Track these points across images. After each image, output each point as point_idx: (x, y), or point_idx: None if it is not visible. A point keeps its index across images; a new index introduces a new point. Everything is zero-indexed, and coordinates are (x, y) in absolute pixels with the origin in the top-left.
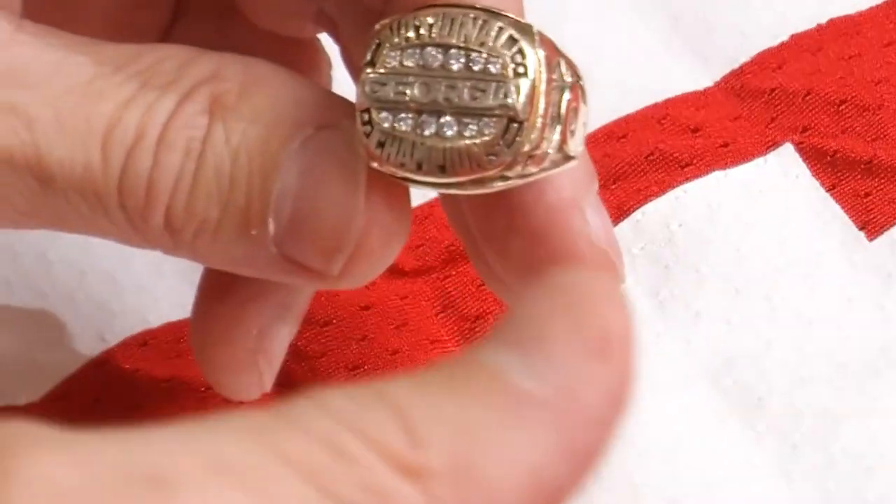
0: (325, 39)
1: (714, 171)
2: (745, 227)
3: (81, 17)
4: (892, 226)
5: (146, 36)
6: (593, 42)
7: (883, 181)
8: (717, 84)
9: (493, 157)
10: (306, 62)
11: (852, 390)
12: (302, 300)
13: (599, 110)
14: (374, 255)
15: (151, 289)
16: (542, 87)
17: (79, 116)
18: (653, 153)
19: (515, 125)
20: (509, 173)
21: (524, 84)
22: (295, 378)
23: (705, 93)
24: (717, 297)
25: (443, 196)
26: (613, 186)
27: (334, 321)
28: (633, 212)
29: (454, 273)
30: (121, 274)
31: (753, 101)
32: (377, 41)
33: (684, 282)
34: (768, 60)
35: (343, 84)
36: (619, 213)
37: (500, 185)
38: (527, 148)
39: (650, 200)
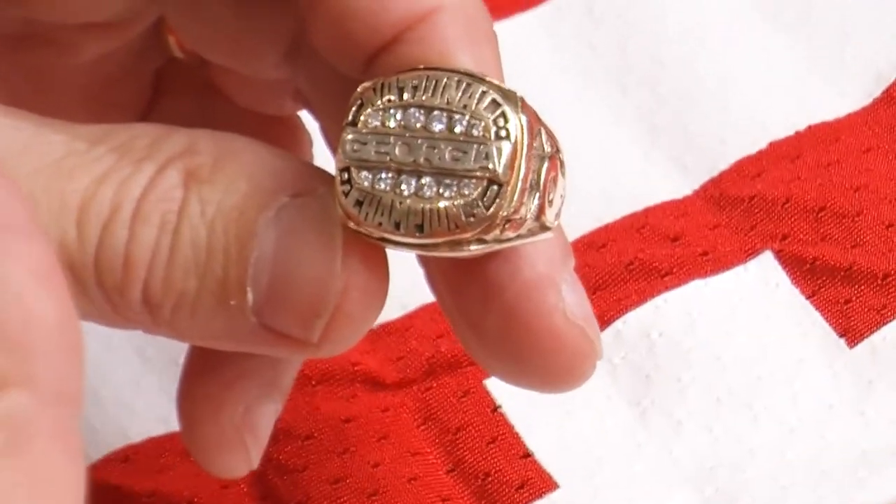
0: (306, 117)
1: (694, 279)
2: (726, 336)
3: (61, 97)
4: (872, 333)
5: (126, 114)
6: (574, 150)
7: (862, 288)
8: (697, 192)
9: (471, 219)
10: (287, 139)
11: (835, 498)
12: (287, 377)
13: (580, 218)
14: (354, 319)
15: (131, 403)
16: (524, 152)
17: (52, 194)
18: (633, 262)
19: (495, 187)
20: (486, 237)
21: (506, 147)
22: (277, 492)
23: (685, 201)
24: (698, 406)
25: (426, 270)
26: (594, 296)
27: (316, 434)
28: (614, 321)
29: (435, 385)
30: (101, 389)
31: (733, 209)
32: (360, 101)
33: (666, 391)
34: (747, 168)
35: (323, 160)
36: (600, 322)
37: (476, 249)
38: (505, 211)
39: (631, 310)
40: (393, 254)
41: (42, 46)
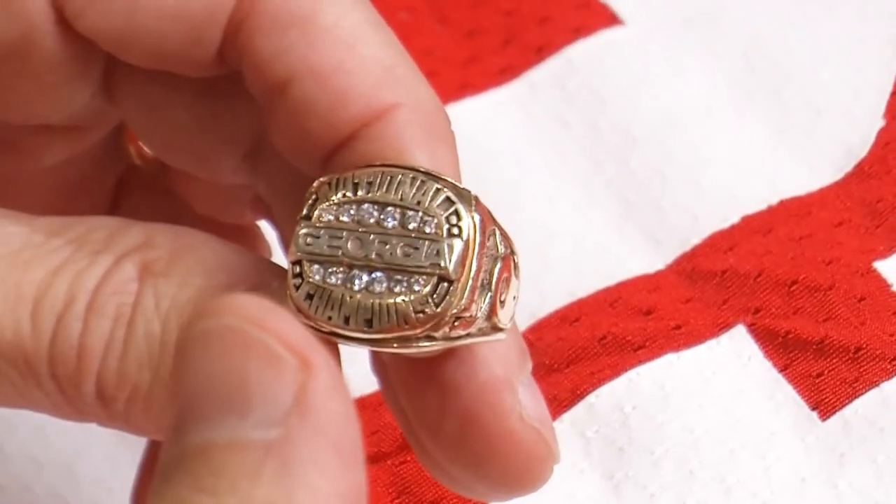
0: (266, 227)
1: (667, 353)
2: (699, 409)
3: (21, 202)
4: (844, 406)
5: None
6: (546, 224)
7: (834, 361)
8: (670, 266)
9: (420, 315)
10: (246, 248)
11: None
12: None
13: (553, 292)
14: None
15: (107, 481)
16: (475, 250)
17: (8, 284)
18: (605, 336)
19: (446, 284)
20: (436, 334)
21: (457, 244)
22: None
23: (657, 275)
24: (671, 479)
25: (381, 377)
26: (567, 370)
27: None
28: (587, 395)
29: (409, 459)
30: (77, 466)
31: (705, 282)
32: (314, 196)
33: (639, 464)
34: (720, 242)
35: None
36: (572, 396)
37: (425, 346)
38: (455, 308)
39: (604, 383)
40: (362, 357)
41: (1, 150)
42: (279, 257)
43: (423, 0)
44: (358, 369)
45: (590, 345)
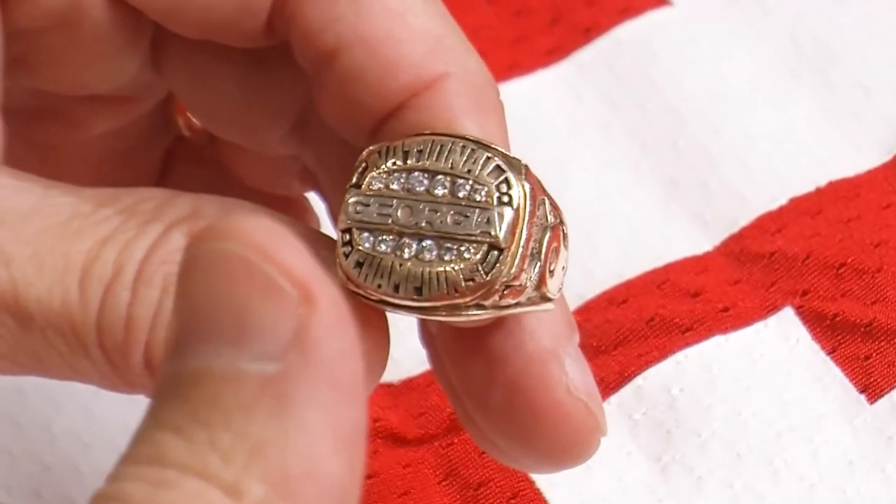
0: (314, 199)
1: (715, 335)
2: (746, 392)
3: (70, 173)
4: (892, 389)
5: None
6: (593, 206)
7: (883, 344)
8: (717, 248)
9: (470, 283)
10: (294, 219)
11: None
12: None
13: (601, 273)
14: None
15: None
16: (525, 219)
17: (57, 254)
18: (653, 318)
19: (496, 252)
20: (485, 302)
21: (508, 213)
22: None
23: (705, 257)
24: (719, 462)
25: (429, 348)
26: (614, 352)
27: None
28: (635, 377)
29: (456, 441)
30: (124, 445)
31: (753, 264)
32: (364, 165)
33: (686, 446)
34: (767, 224)
35: None
36: (620, 378)
37: (474, 315)
38: (505, 277)
39: (651, 366)
40: (413, 333)
41: (51, 121)
42: (328, 229)
43: None
44: (406, 351)
45: (637, 326)
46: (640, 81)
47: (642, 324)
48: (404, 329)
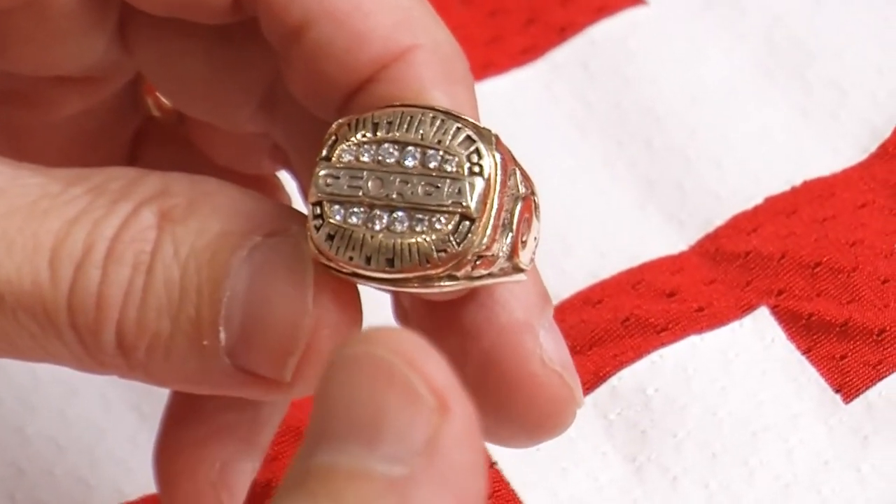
0: (285, 178)
1: (690, 335)
2: (722, 392)
3: (38, 154)
4: (867, 388)
5: None
6: (568, 205)
7: (858, 344)
8: (692, 248)
9: (442, 254)
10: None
11: None
12: (265, 435)
13: (576, 274)
14: (325, 357)
15: (127, 460)
16: (497, 189)
17: (26, 234)
18: (629, 318)
19: (467, 222)
20: (457, 273)
21: (479, 183)
22: None
23: (680, 257)
24: (694, 462)
25: (402, 322)
26: (589, 352)
27: None
28: (610, 377)
29: None
30: (97, 445)
31: (728, 264)
32: (334, 138)
33: (661, 446)
34: (743, 224)
35: None
36: (595, 378)
37: (447, 286)
38: (477, 247)
39: (626, 366)
40: (381, 303)
41: (19, 102)
42: (299, 207)
43: None
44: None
45: (612, 327)
46: (615, 81)
47: (617, 324)
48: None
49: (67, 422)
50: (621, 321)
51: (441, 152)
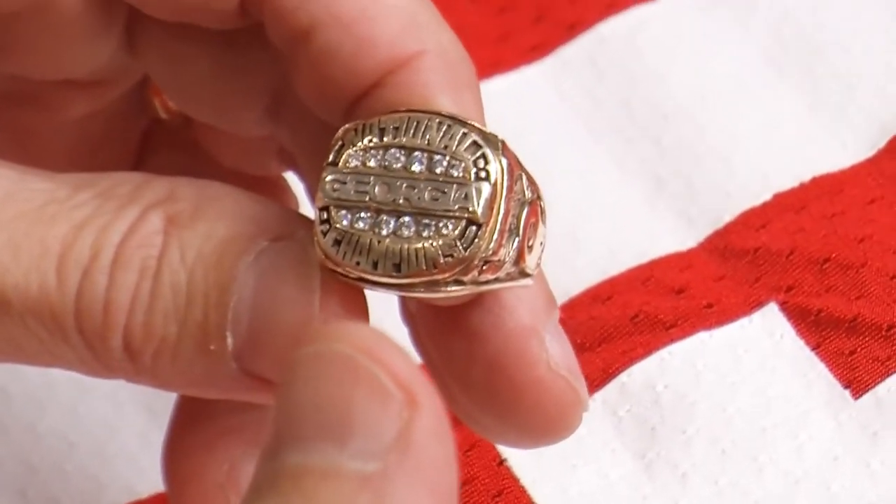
0: (292, 178)
1: (699, 331)
2: (731, 388)
3: (45, 157)
4: (876, 384)
5: None
6: (577, 203)
7: (867, 339)
8: (701, 244)
9: (449, 259)
10: (272, 199)
11: None
12: None
13: (585, 271)
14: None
15: (138, 458)
16: (503, 194)
17: (33, 239)
18: (637, 315)
19: (474, 227)
20: (464, 278)
21: (485, 188)
22: None
23: (689, 253)
24: (704, 458)
25: (410, 326)
26: (598, 349)
27: None
28: (619, 374)
29: None
30: (108, 443)
31: (737, 260)
32: (340, 143)
33: (671, 443)
34: (752, 220)
35: None
36: (604, 375)
37: (453, 290)
38: (484, 252)
39: (636, 362)
40: (387, 311)
41: (26, 105)
42: (306, 209)
43: None
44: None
45: (622, 323)
46: (623, 78)
47: (626, 321)
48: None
49: (79, 419)
50: (630, 318)
51: (447, 157)
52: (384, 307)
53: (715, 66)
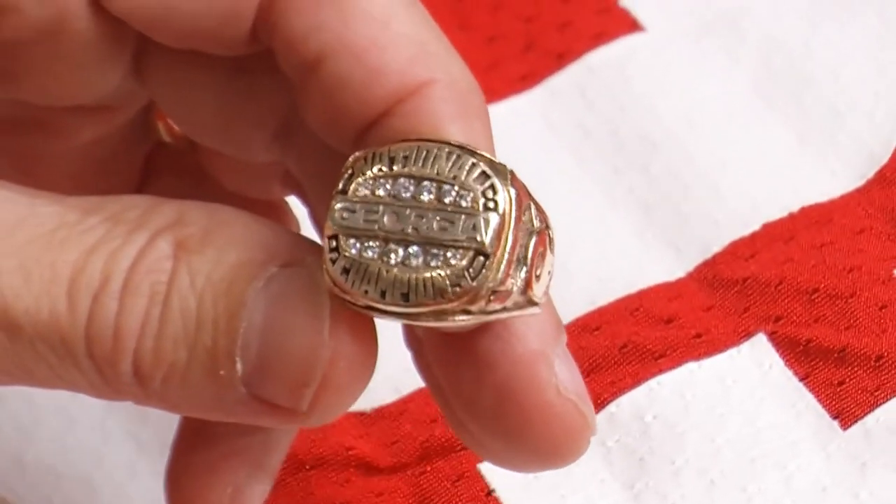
0: (294, 203)
1: (688, 362)
2: (720, 418)
3: (50, 182)
4: (865, 415)
5: None
6: (566, 232)
7: (856, 370)
8: (690, 274)
9: (457, 289)
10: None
11: None
12: (276, 457)
13: (574, 300)
14: (342, 388)
15: (125, 488)
16: (511, 224)
17: (44, 264)
18: (626, 345)
19: (482, 258)
20: (472, 308)
21: (493, 218)
22: None
23: (678, 283)
24: (692, 489)
25: (416, 352)
26: (588, 379)
27: None
28: (608, 404)
29: (429, 469)
30: (95, 473)
31: (726, 290)
32: (350, 171)
33: (660, 474)
34: (741, 250)
35: None
36: (593, 405)
37: (461, 320)
38: (492, 283)
39: (624, 393)
40: (387, 337)
41: (32, 130)
42: (307, 232)
43: (445, 5)
44: (378, 379)
45: (610, 353)
46: (612, 107)
47: (615, 350)
48: (391, 322)
49: (66, 450)
50: (619, 348)
51: (456, 187)
52: (388, 334)
53: (704, 95)
